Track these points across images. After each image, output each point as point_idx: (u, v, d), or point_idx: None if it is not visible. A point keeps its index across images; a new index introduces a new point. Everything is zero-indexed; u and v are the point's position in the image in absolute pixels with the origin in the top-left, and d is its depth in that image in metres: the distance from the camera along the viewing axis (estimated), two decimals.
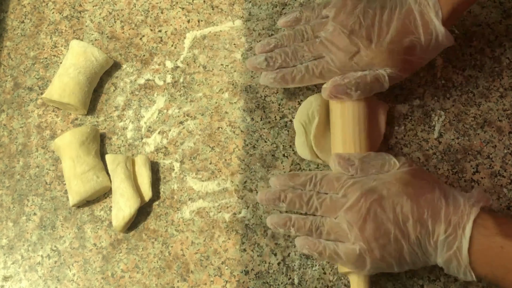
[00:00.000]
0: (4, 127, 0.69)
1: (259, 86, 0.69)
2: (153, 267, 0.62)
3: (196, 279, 0.61)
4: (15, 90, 0.71)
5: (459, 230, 0.51)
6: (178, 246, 0.63)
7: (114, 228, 0.62)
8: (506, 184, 0.63)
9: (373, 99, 0.64)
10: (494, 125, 0.65)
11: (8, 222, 0.65)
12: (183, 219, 0.64)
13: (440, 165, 0.64)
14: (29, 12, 0.75)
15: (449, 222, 0.52)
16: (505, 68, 0.68)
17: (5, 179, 0.67)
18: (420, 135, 0.66)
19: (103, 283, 0.62)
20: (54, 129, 0.69)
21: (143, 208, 0.64)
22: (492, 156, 0.64)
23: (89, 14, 0.74)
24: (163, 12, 0.73)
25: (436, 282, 0.60)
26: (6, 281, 0.63)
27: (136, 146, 0.67)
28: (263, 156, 0.66)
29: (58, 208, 0.65)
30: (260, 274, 0.61)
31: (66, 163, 0.64)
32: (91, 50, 0.68)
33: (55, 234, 0.64)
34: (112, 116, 0.69)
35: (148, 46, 0.72)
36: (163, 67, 0.71)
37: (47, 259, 0.63)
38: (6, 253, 0.64)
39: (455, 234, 0.52)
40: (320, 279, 0.61)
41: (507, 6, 0.71)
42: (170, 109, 0.69)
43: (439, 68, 0.68)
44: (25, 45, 0.73)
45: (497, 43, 0.69)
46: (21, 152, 0.68)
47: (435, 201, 0.53)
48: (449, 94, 0.67)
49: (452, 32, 0.70)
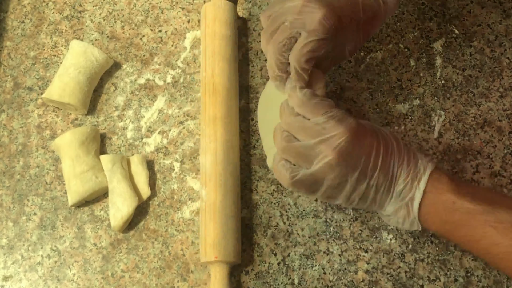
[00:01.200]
0: (4, 127, 0.69)
1: (259, 86, 0.69)
2: (153, 267, 0.62)
3: (196, 279, 0.61)
4: (15, 90, 0.71)
5: (415, 182, 0.52)
6: (178, 246, 0.63)
7: (113, 228, 0.62)
8: (506, 184, 0.63)
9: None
10: (494, 125, 0.66)
11: (8, 222, 0.65)
12: (183, 219, 0.64)
13: (440, 165, 0.64)
14: (29, 12, 0.75)
15: (409, 172, 0.53)
16: (505, 68, 0.68)
17: (5, 179, 0.67)
18: (420, 135, 0.66)
19: (103, 283, 0.62)
20: (54, 129, 0.69)
21: (143, 208, 0.64)
22: (492, 156, 0.64)
23: (89, 14, 0.74)
24: (163, 12, 0.74)
25: (436, 282, 0.60)
26: (6, 281, 0.63)
27: (136, 146, 0.67)
28: (263, 156, 0.66)
29: (58, 208, 0.65)
30: (260, 274, 0.61)
31: (66, 163, 0.64)
32: (91, 50, 0.68)
33: (55, 234, 0.64)
34: (112, 116, 0.69)
35: (148, 46, 0.72)
36: (163, 67, 0.71)
37: (47, 259, 0.63)
38: (6, 253, 0.64)
39: (410, 185, 0.52)
40: (320, 279, 0.61)
41: (507, 6, 0.71)
42: (170, 109, 0.69)
43: (439, 68, 0.68)
44: (25, 45, 0.73)
45: (497, 43, 0.69)
46: (21, 152, 0.68)
47: (401, 149, 0.53)
48: (449, 94, 0.67)
49: (452, 32, 0.70)
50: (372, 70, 0.69)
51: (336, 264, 0.61)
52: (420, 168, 0.53)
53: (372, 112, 0.67)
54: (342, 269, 0.61)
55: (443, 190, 0.52)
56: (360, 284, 0.60)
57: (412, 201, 0.53)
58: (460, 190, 0.52)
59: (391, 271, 0.60)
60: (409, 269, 0.60)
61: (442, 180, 0.53)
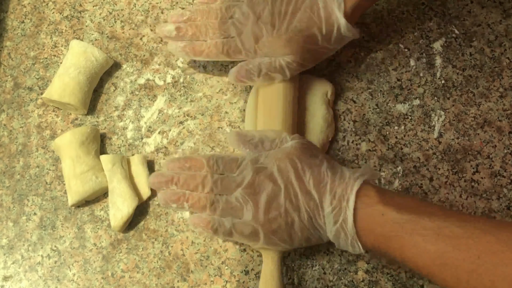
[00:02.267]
0: (4, 127, 0.69)
1: None
2: (153, 267, 0.62)
3: (196, 279, 0.61)
4: (15, 90, 0.71)
5: (343, 202, 0.52)
6: (178, 246, 0.63)
7: (113, 228, 0.62)
8: (506, 184, 0.63)
9: (314, 80, 0.66)
10: (494, 125, 0.66)
11: (8, 222, 0.65)
12: (183, 219, 0.64)
13: (440, 165, 0.64)
14: (29, 12, 0.75)
15: (334, 194, 0.53)
16: (505, 68, 0.68)
17: (5, 179, 0.67)
18: (420, 135, 0.66)
19: (103, 283, 0.62)
20: (54, 129, 0.69)
21: (143, 208, 0.64)
22: (492, 156, 0.64)
23: (89, 14, 0.74)
24: (163, 12, 0.73)
25: None
26: (6, 281, 0.63)
27: (136, 146, 0.67)
28: None
29: (58, 208, 0.65)
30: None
31: (66, 163, 0.64)
32: (91, 50, 0.68)
33: (55, 234, 0.64)
34: (112, 116, 0.69)
35: (148, 46, 0.72)
36: (163, 67, 0.71)
37: (47, 259, 0.63)
38: (6, 253, 0.64)
39: (340, 206, 0.53)
40: (320, 279, 0.61)
41: (507, 6, 0.71)
42: (170, 109, 0.69)
43: (439, 68, 0.68)
44: (25, 45, 0.73)
45: (497, 43, 0.69)
46: (21, 152, 0.68)
47: (322, 175, 0.54)
48: (449, 94, 0.67)
49: (452, 32, 0.70)
50: (372, 70, 0.69)
51: (336, 264, 0.61)
52: (347, 187, 0.53)
53: (372, 112, 0.67)
54: (342, 269, 0.61)
55: (372, 203, 0.52)
56: (360, 284, 0.60)
57: (345, 222, 0.52)
58: (387, 201, 0.52)
59: (391, 271, 0.60)
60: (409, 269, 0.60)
61: (370, 193, 0.52)
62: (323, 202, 0.53)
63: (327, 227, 0.54)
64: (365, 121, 0.67)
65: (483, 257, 0.45)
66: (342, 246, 0.54)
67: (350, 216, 0.52)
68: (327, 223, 0.54)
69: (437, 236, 0.48)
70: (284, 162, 0.55)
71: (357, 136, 0.66)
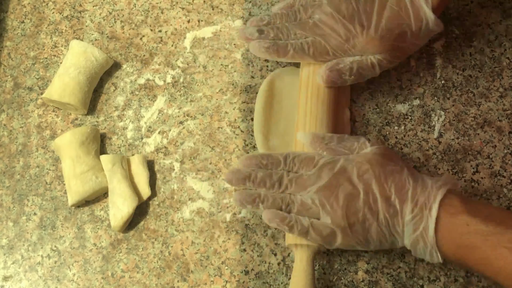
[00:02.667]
0: (4, 127, 0.69)
1: (259, 86, 0.69)
2: (153, 267, 0.62)
3: (196, 279, 0.61)
4: (15, 90, 0.71)
5: (425, 211, 0.52)
6: (178, 246, 0.63)
7: (113, 228, 0.62)
8: (506, 184, 0.63)
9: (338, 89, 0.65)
10: (494, 125, 0.66)
11: (8, 222, 0.65)
12: (183, 219, 0.64)
13: (440, 165, 0.64)
14: (29, 12, 0.75)
15: (416, 202, 0.53)
16: (505, 68, 0.68)
17: (5, 179, 0.67)
18: (420, 135, 0.66)
19: (103, 283, 0.62)
20: (54, 129, 0.69)
21: (143, 208, 0.64)
22: (492, 156, 0.64)
23: (89, 14, 0.74)
24: (163, 12, 0.74)
25: (436, 282, 0.60)
26: (6, 281, 0.63)
27: (136, 146, 0.67)
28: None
29: (58, 208, 0.65)
30: (260, 274, 0.61)
31: (66, 163, 0.64)
32: (91, 50, 0.68)
33: (55, 234, 0.64)
34: (112, 116, 0.69)
35: (148, 46, 0.72)
36: (163, 67, 0.71)
37: (47, 259, 0.63)
38: (6, 253, 0.64)
39: (421, 214, 0.52)
40: (320, 279, 0.61)
41: (507, 6, 0.71)
42: (170, 109, 0.69)
43: (439, 68, 0.68)
44: (25, 45, 0.73)
45: (497, 43, 0.69)
46: (21, 152, 0.68)
47: (403, 182, 0.54)
48: (449, 94, 0.67)
49: (452, 32, 0.70)
50: None
51: (336, 264, 0.61)
52: (429, 196, 0.52)
53: (372, 112, 0.67)
54: (342, 269, 0.61)
55: (456, 212, 0.51)
56: (360, 284, 0.60)
57: (426, 231, 0.52)
58: (473, 211, 0.51)
59: (391, 271, 0.60)
60: (409, 269, 0.60)
61: (454, 203, 0.52)
62: (403, 209, 0.53)
63: (405, 234, 0.53)
64: (365, 121, 0.67)
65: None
66: (419, 254, 0.54)
67: (432, 225, 0.51)
68: (406, 230, 0.53)
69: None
70: (365, 167, 0.55)
71: None
